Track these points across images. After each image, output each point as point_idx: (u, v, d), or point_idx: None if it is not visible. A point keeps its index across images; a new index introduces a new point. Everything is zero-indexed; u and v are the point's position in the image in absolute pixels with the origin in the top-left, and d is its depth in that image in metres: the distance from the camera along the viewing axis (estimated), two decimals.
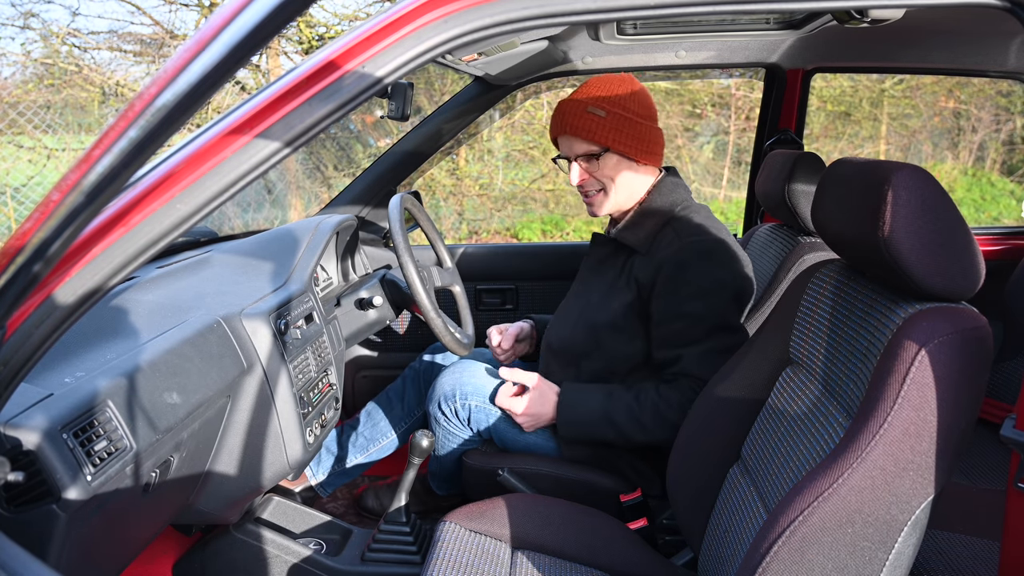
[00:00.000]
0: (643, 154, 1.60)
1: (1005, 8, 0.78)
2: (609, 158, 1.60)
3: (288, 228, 1.89)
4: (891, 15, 1.47)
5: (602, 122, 1.57)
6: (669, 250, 1.53)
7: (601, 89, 1.60)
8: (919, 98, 7.98)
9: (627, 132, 1.58)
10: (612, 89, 1.59)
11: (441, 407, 1.67)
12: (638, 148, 1.59)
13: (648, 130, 1.60)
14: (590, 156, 1.61)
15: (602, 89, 1.60)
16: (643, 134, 1.59)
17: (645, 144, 1.60)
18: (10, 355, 0.74)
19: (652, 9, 0.77)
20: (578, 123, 1.58)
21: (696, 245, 1.51)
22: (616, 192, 1.64)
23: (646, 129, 1.60)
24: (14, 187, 5.02)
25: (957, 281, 0.94)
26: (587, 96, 1.59)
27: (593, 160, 1.61)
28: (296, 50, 5.77)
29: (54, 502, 0.89)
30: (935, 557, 1.41)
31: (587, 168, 1.62)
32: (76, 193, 0.65)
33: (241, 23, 0.64)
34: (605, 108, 1.57)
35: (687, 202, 1.64)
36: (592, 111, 1.57)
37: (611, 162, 1.61)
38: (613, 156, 1.60)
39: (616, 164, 1.61)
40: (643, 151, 1.60)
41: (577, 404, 1.57)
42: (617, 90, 1.59)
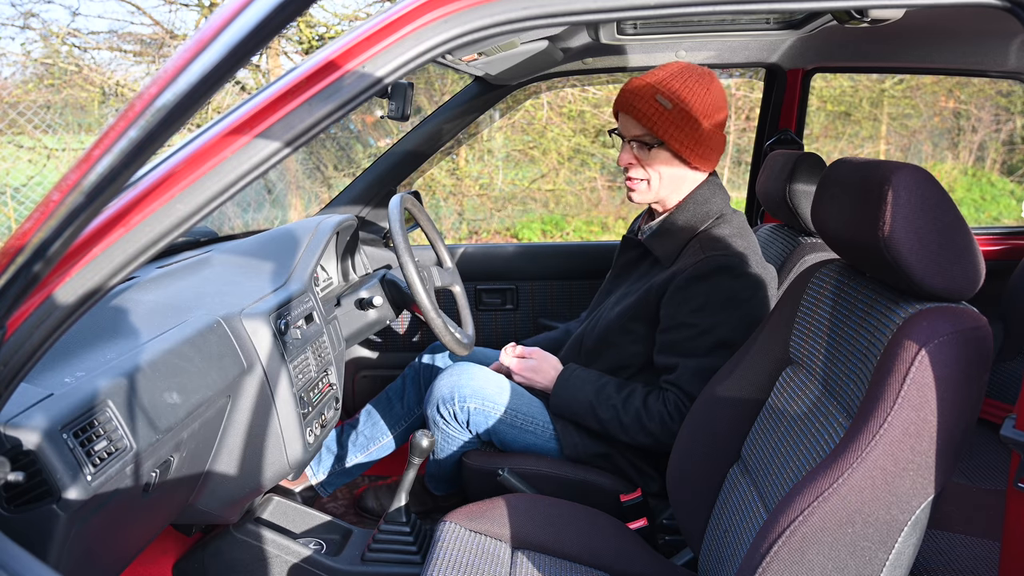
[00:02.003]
0: (698, 157, 1.55)
1: (1005, 8, 0.78)
2: (661, 152, 1.55)
3: (288, 228, 1.89)
4: (891, 15, 1.48)
5: (666, 114, 1.50)
6: (689, 260, 1.51)
7: (677, 79, 1.52)
8: (919, 98, 7.98)
9: (688, 131, 1.51)
10: (688, 82, 1.52)
11: (439, 410, 1.67)
12: (694, 151, 1.54)
13: (710, 134, 1.54)
14: (643, 144, 1.56)
15: (678, 79, 1.52)
16: (704, 137, 1.53)
17: (703, 148, 1.54)
18: (10, 355, 0.74)
19: (652, 9, 0.77)
20: (642, 107, 1.51)
21: (715, 259, 1.48)
22: (660, 187, 1.59)
23: (708, 133, 1.53)
24: (14, 187, 5.02)
25: (957, 281, 0.94)
26: (660, 82, 1.52)
27: (645, 148, 1.55)
28: (296, 50, 5.77)
29: (54, 502, 0.89)
30: (935, 557, 1.41)
31: (638, 154, 1.57)
32: (76, 193, 0.65)
33: (241, 23, 0.64)
34: (674, 101, 1.50)
35: (722, 211, 1.59)
36: (660, 100, 1.50)
37: (663, 156, 1.55)
38: (666, 151, 1.55)
39: (668, 159, 1.55)
40: (698, 155, 1.54)
41: (569, 388, 1.61)
42: (693, 85, 1.52)
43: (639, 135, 1.55)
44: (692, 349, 1.49)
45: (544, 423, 1.66)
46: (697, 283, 1.48)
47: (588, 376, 1.62)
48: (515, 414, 1.65)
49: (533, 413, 1.66)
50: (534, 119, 6.28)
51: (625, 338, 1.61)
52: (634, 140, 1.56)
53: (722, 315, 1.48)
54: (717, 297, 1.48)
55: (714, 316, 1.48)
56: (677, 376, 1.50)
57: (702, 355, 1.48)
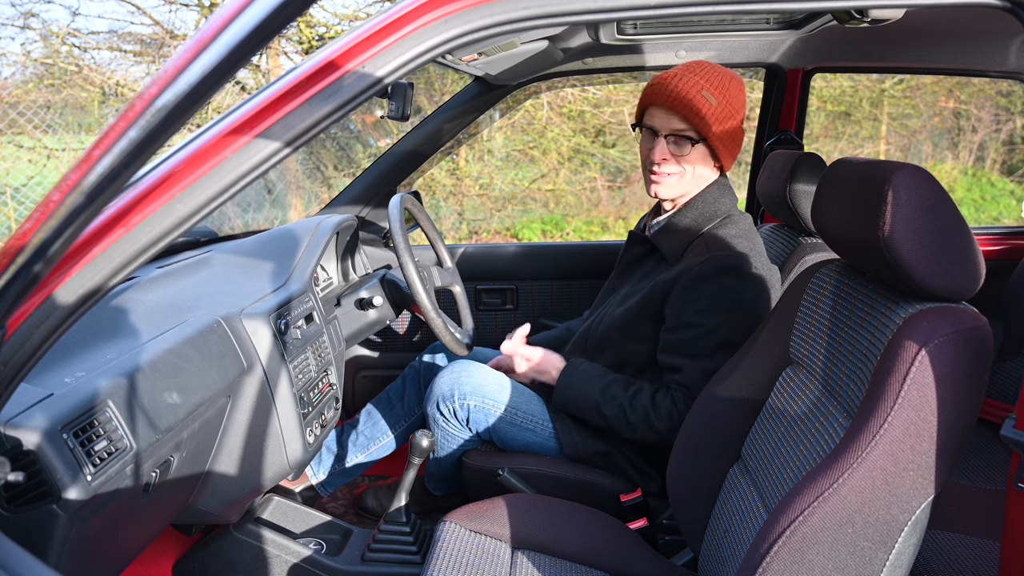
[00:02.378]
0: (729, 156, 1.57)
1: (1005, 8, 0.78)
2: (700, 148, 1.54)
3: (288, 228, 1.89)
4: (891, 15, 1.48)
5: (713, 110, 1.49)
6: (695, 260, 1.51)
7: (715, 76, 1.52)
8: (919, 98, 7.98)
9: (728, 129, 1.52)
10: (724, 80, 1.52)
11: (439, 408, 1.67)
12: (728, 149, 1.55)
13: (741, 134, 1.57)
14: (683, 139, 1.53)
15: (716, 76, 1.52)
16: (738, 137, 1.56)
17: (735, 147, 1.56)
18: (10, 355, 0.74)
19: (652, 9, 0.77)
20: (688, 101, 1.48)
21: (720, 260, 1.48)
22: (687, 182, 1.58)
23: (740, 133, 1.56)
24: (14, 187, 5.02)
25: (957, 281, 0.94)
26: (704, 77, 1.50)
27: (685, 143, 1.53)
28: (296, 50, 5.77)
29: (54, 502, 0.89)
30: (935, 557, 1.41)
31: (673, 149, 1.55)
32: (76, 193, 0.65)
33: (241, 23, 0.64)
34: (718, 97, 1.50)
35: (729, 211, 1.59)
36: (706, 95, 1.49)
37: (700, 152, 1.54)
38: (704, 147, 1.54)
39: (704, 156, 1.55)
40: (730, 153, 1.57)
41: (574, 385, 1.59)
42: (731, 83, 1.52)
43: (680, 129, 1.52)
44: (698, 350, 1.49)
45: (544, 421, 1.66)
46: (703, 283, 1.48)
47: (593, 371, 1.61)
48: (515, 412, 1.65)
49: (533, 411, 1.66)
50: (534, 119, 6.28)
51: (629, 335, 1.61)
52: (673, 134, 1.53)
53: (727, 315, 1.48)
54: (722, 297, 1.48)
55: (719, 316, 1.48)
56: (685, 376, 1.50)
57: (707, 355, 1.48)
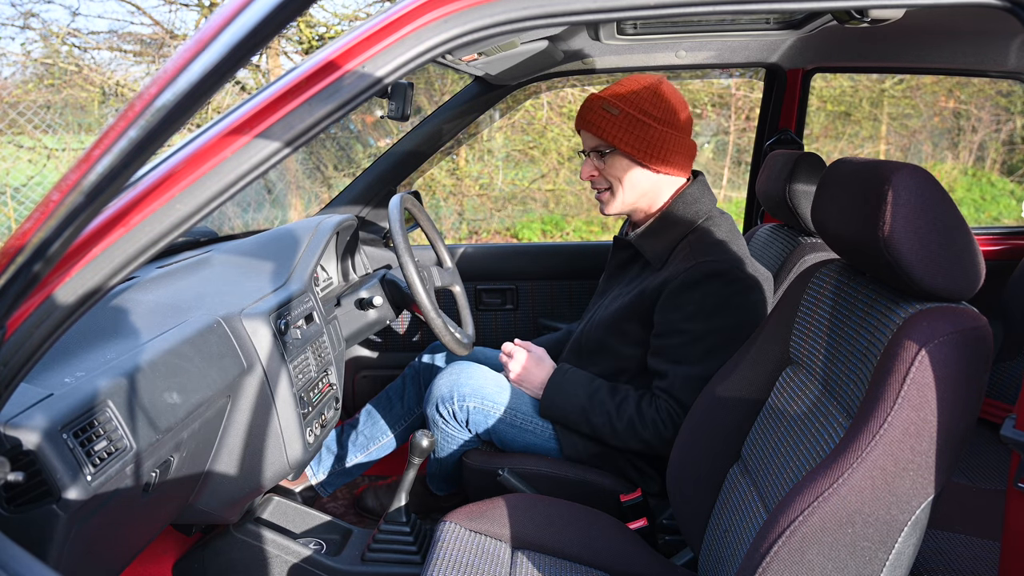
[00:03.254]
0: (654, 159, 1.58)
1: (1005, 8, 0.78)
2: (617, 158, 1.60)
3: (288, 228, 1.89)
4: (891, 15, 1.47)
5: (613, 120, 1.57)
6: (681, 267, 1.51)
7: (624, 89, 1.59)
8: (919, 98, 7.98)
9: (637, 135, 1.57)
10: (635, 89, 1.59)
11: (439, 409, 1.67)
12: (648, 152, 1.58)
13: (662, 135, 1.58)
14: (600, 153, 1.62)
15: (624, 88, 1.60)
16: (656, 139, 1.57)
17: (657, 150, 1.58)
18: (10, 355, 0.74)
19: (652, 9, 0.77)
20: (591, 118, 1.59)
21: (707, 265, 1.48)
22: (624, 193, 1.63)
23: (660, 134, 1.57)
24: (14, 187, 5.02)
25: (957, 281, 0.94)
26: (608, 93, 1.60)
27: (600, 157, 1.62)
28: (296, 50, 5.77)
29: (54, 502, 0.89)
30: (935, 557, 1.41)
31: (596, 165, 1.64)
32: (76, 193, 0.65)
33: (241, 23, 0.64)
34: (620, 107, 1.56)
35: (710, 213, 1.61)
36: (606, 108, 1.58)
37: (619, 162, 1.61)
38: (621, 157, 1.60)
39: (625, 165, 1.61)
40: (654, 156, 1.58)
41: (560, 393, 1.61)
42: (639, 91, 1.58)
43: (594, 145, 1.63)
44: (684, 356, 1.50)
45: (543, 422, 1.66)
46: (689, 290, 1.48)
47: (580, 379, 1.61)
48: (515, 413, 1.65)
49: (533, 412, 1.66)
50: (534, 119, 6.28)
51: (620, 340, 1.61)
52: (591, 151, 1.64)
53: (715, 321, 1.48)
54: (709, 303, 1.48)
55: (707, 323, 1.48)
56: (669, 383, 1.51)
57: (694, 362, 1.49)
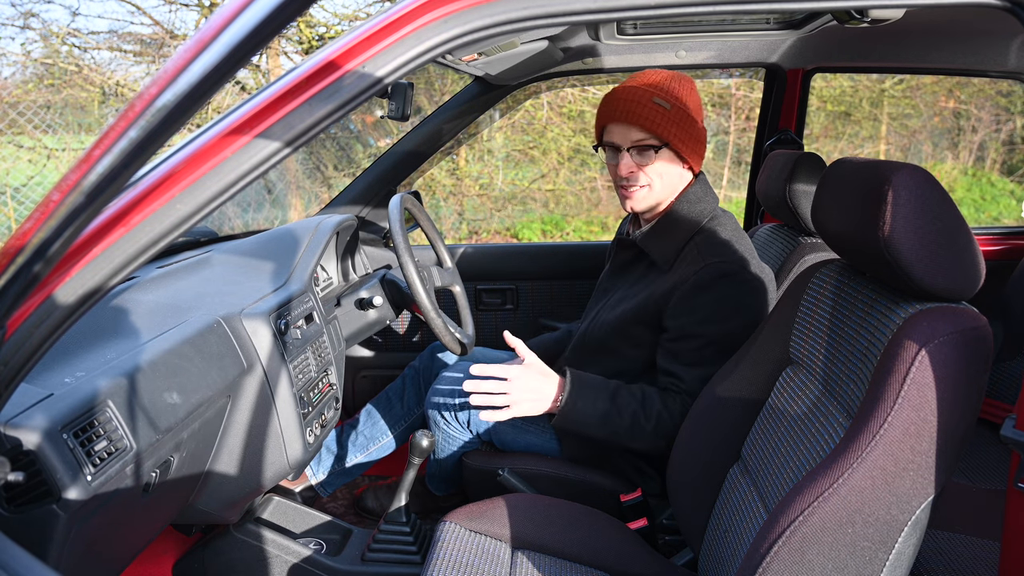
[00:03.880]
0: (694, 155, 1.57)
1: (1005, 8, 0.78)
2: (664, 154, 1.55)
3: (288, 228, 1.89)
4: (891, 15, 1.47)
5: (667, 115, 1.51)
6: (690, 269, 1.50)
7: (664, 81, 1.54)
8: (919, 98, 7.98)
9: (687, 130, 1.53)
10: (674, 83, 1.55)
11: (440, 410, 1.67)
12: (692, 148, 1.55)
13: (702, 131, 1.57)
14: (646, 148, 1.54)
15: (664, 81, 1.54)
16: (699, 134, 1.56)
17: (698, 145, 1.57)
18: (10, 355, 0.74)
19: (652, 9, 0.77)
20: (642, 112, 1.51)
21: (717, 267, 1.47)
22: (660, 189, 1.58)
23: (700, 129, 1.57)
24: (14, 187, 5.03)
25: (957, 281, 0.94)
26: (654, 85, 1.53)
27: (649, 153, 1.54)
28: (296, 50, 5.77)
29: (54, 502, 0.89)
30: (935, 557, 1.41)
31: (638, 161, 1.56)
32: (76, 193, 0.65)
33: (241, 23, 0.64)
34: (671, 101, 1.52)
35: (714, 212, 1.60)
36: (658, 102, 1.51)
37: (666, 158, 1.55)
38: (669, 152, 1.55)
39: (670, 161, 1.56)
40: (695, 152, 1.57)
41: (579, 400, 1.49)
42: (679, 85, 1.55)
43: (640, 139, 1.53)
44: (700, 359, 1.48)
45: (544, 423, 1.66)
46: (701, 293, 1.47)
47: (596, 383, 1.53)
48: None
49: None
50: (534, 119, 6.28)
51: (626, 342, 1.59)
52: (634, 147, 1.54)
53: (729, 323, 1.47)
54: (723, 306, 1.47)
55: (721, 325, 1.47)
56: (685, 384, 1.48)
57: (710, 364, 1.47)
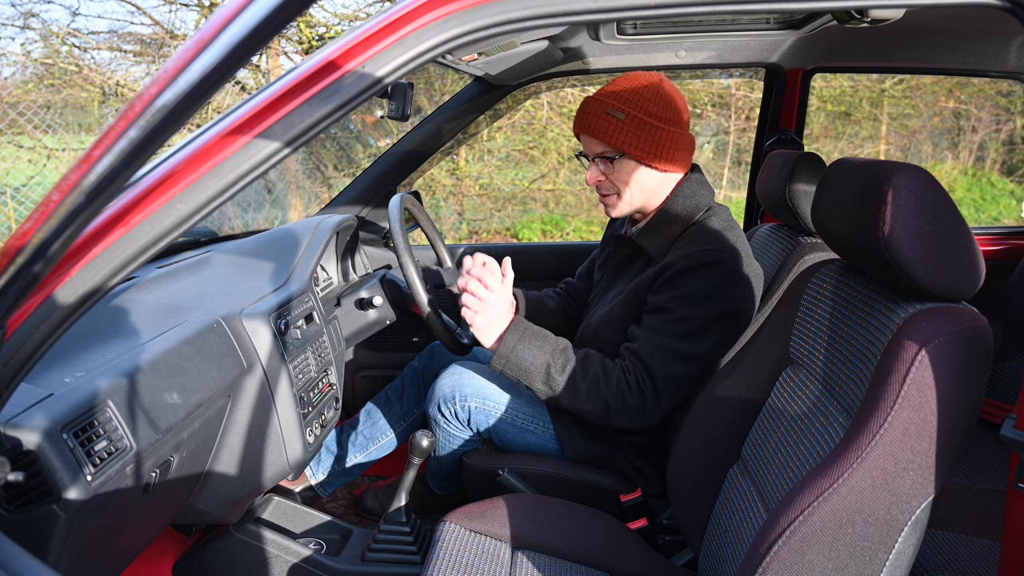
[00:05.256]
0: (661, 160, 1.55)
1: (1005, 8, 0.78)
2: (625, 162, 1.56)
3: (288, 228, 1.89)
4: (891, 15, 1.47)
5: (620, 125, 1.52)
6: (679, 255, 1.51)
7: (625, 89, 1.54)
8: (919, 98, 7.98)
9: (645, 137, 1.53)
10: (636, 89, 1.54)
11: (441, 409, 1.67)
12: (656, 154, 1.54)
13: (669, 135, 1.54)
14: (606, 158, 1.57)
15: (626, 89, 1.54)
16: (663, 139, 1.54)
17: (664, 150, 1.55)
18: (10, 355, 0.74)
19: (652, 9, 0.77)
20: (596, 123, 1.53)
21: (705, 253, 1.48)
22: (632, 196, 1.59)
23: (667, 134, 1.54)
24: (14, 187, 5.03)
25: (957, 281, 0.94)
26: (609, 95, 1.54)
27: (608, 162, 1.57)
28: (296, 50, 5.77)
29: (54, 502, 0.89)
30: (935, 557, 1.41)
31: (603, 169, 1.58)
32: (76, 193, 0.65)
33: (241, 23, 0.64)
34: (625, 110, 1.52)
35: (709, 205, 1.60)
36: (611, 112, 1.52)
37: (627, 166, 1.56)
38: (629, 160, 1.56)
39: (633, 168, 1.56)
40: (661, 157, 1.55)
41: (521, 344, 1.48)
42: (642, 91, 1.54)
43: (600, 151, 1.57)
44: (663, 330, 1.48)
45: (545, 423, 1.66)
46: (683, 275, 1.48)
47: (542, 333, 1.52)
48: (516, 413, 1.65)
49: (534, 412, 1.66)
50: (534, 119, 6.28)
51: (618, 329, 1.60)
52: (597, 156, 1.58)
53: (703, 306, 1.47)
54: (700, 289, 1.47)
55: (693, 307, 1.46)
56: (639, 346, 1.48)
57: (671, 337, 1.47)
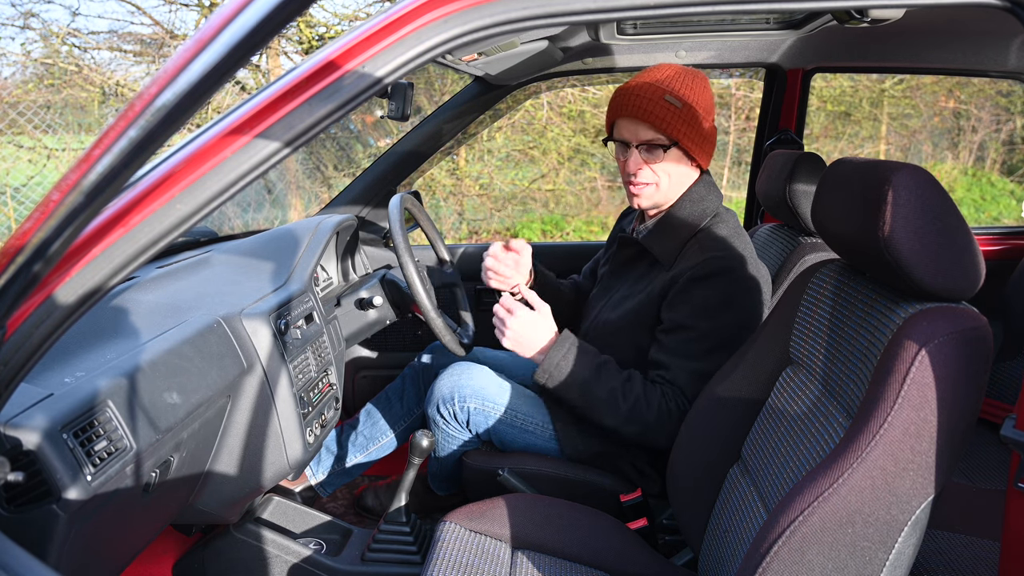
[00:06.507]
0: (703, 155, 1.55)
1: (1005, 8, 0.78)
2: (673, 153, 1.53)
3: (288, 228, 1.89)
4: (891, 15, 1.48)
5: (678, 113, 1.49)
6: (689, 263, 1.50)
7: (676, 78, 1.52)
8: (919, 98, 7.98)
9: (697, 129, 1.51)
10: (687, 80, 1.52)
11: (440, 410, 1.67)
12: (701, 148, 1.54)
13: (711, 130, 1.55)
14: (655, 146, 1.52)
15: (677, 78, 1.52)
16: (708, 133, 1.54)
17: (707, 144, 1.55)
18: (10, 355, 0.74)
19: (652, 9, 0.77)
20: (653, 109, 1.48)
21: (715, 262, 1.47)
22: (668, 188, 1.57)
23: (710, 128, 1.55)
24: (14, 187, 5.02)
25: (957, 281, 0.94)
26: (666, 82, 1.51)
27: (658, 151, 1.52)
28: (296, 50, 5.77)
29: (54, 502, 0.89)
30: (935, 557, 1.41)
31: (647, 158, 1.54)
32: (76, 193, 0.65)
33: (241, 23, 0.64)
34: (682, 100, 1.49)
35: (717, 210, 1.59)
36: (670, 100, 1.48)
37: (675, 157, 1.54)
38: (677, 151, 1.53)
39: (679, 160, 1.54)
40: (704, 152, 1.55)
41: (565, 359, 1.50)
42: (692, 82, 1.52)
43: (650, 138, 1.52)
44: (689, 352, 1.49)
45: (544, 423, 1.66)
46: (696, 285, 1.48)
47: (586, 349, 1.53)
48: (515, 414, 1.65)
49: (534, 413, 1.66)
50: (534, 119, 6.28)
51: (628, 341, 1.60)
52: (644, 143, 1.53)
53: (721, 318, 1.48)
54: (716, 299, 1.48)
55: (713, 319, 1.47)
56: (674, 376, 1.50)
57: (699, 358, 1.48)
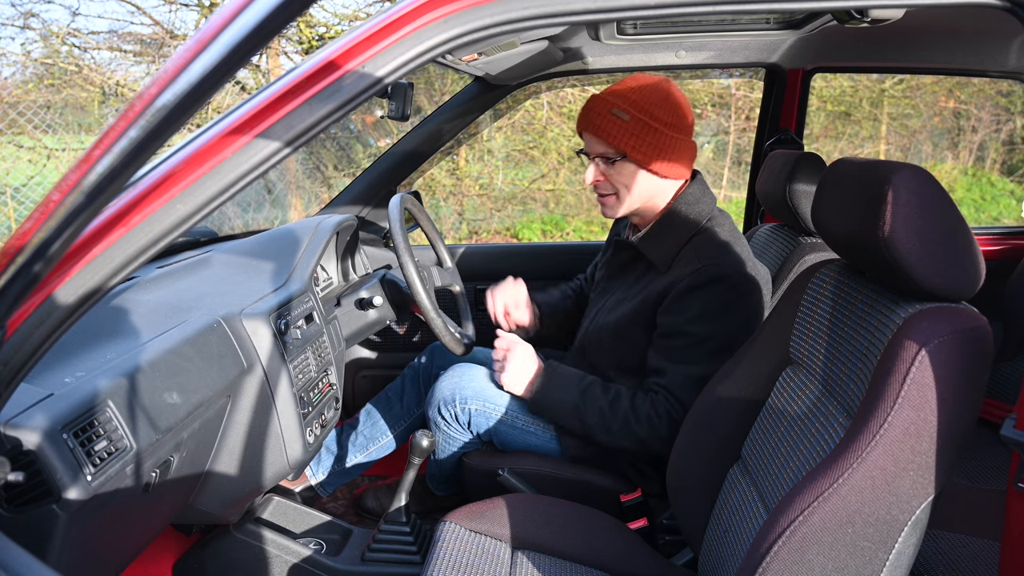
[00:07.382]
0: (662, 165, 1.54)
1: (1005, 8, 0.78)
2: (625, 164, 1.55)
3: (288, 228, 1.89)
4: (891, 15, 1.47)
5: (624, 126, 1.51)
6: (686, 269, 1.50)
7: (633, 90, 1.53)
8: (919, 98, 7.99)
9: (648, 141, 1.52)
10: (644, 92, 1.52)
11: (441, 411, 1.67)
12: (657, 159, 1.53)
13: (672, 142, 1.53)
14: (607, 159, 1.56)
15: (634, 90, 1.53)
16: (666, 145, 1.53)
17: (666, 156, 1.54)
18: (10, 355, 0.74)
19: (652, 9, 0.77)
20: (600, 123, 1.52)
21: (712, 268, 1.47)
22: (630, 198, 1.59)
23: (670, 140, 1.53)
24: (14, 187, 5.02)
25: (957, 281, 0.94)
26: (615, 95, 1.53)
27: (609, 163, 1.56)
28: (296, 50, 5.77)
29: (54, 502, 0.89)
30: (935, 557, 1.41)
31: (603, 169, 1.57)
32: (76, 193, 0.65)
33: (241, 23, 0.64)
34: (630, 112, 1.50)
35: (711, 214, 1.59)
36: (616, 113, 1.51)
37: (627, 169, 1.55)
38: (630, 163, 1.55)
39: (633, 171, 1.55)
40: (663, 162, 1.54)
41: (551, 389, 1.58)
42: (649, 94, 1.52)
43: (601, 151, 1.56)
44: (685, 357, 1.49)
45: (545, 424, 1.66)
46: (694, 292, 1.48)
47: (571, 376, 1.60)
48: (516, 415, 1.65)
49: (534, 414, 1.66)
50: (534, 119, 6.28)
51: (625, 344, 1.60)
52: (598, 156, 1.57)
53: (719, 324, 1.48)
54: (713, 306, 1.47)
55: (710, 325, 1.47)
56: (668, 380, 1.50)
57: (694, 363, 1.48)
